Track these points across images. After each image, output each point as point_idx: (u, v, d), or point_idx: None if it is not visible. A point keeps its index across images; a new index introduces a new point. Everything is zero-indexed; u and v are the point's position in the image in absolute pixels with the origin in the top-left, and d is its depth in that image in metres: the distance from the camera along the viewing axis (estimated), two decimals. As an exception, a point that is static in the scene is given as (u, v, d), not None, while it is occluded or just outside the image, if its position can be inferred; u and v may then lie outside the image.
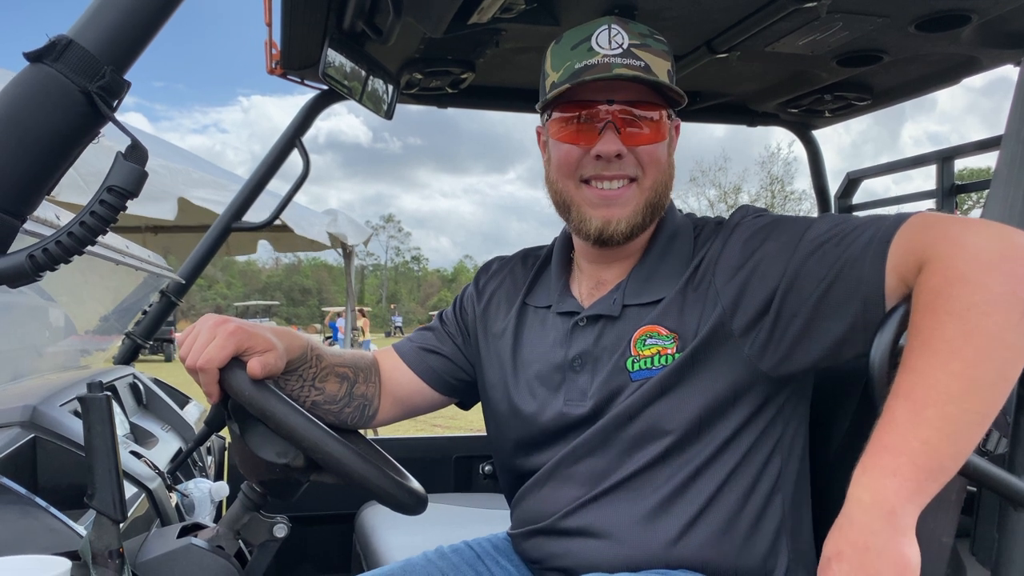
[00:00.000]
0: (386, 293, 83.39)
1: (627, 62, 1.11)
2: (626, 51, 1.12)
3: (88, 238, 0.72)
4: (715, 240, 1.15)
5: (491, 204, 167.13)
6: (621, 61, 1.11)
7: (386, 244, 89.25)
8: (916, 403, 0.83)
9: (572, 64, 1.13)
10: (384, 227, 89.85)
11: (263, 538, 1.09)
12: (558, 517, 1.15)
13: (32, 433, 1.11)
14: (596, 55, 1.12)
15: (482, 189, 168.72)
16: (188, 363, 1.03)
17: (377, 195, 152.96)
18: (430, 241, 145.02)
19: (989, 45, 1.80)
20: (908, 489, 0.81)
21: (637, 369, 1.11)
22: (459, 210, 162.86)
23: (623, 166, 1.13)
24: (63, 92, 0.71)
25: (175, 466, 1.35)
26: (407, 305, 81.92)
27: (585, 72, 1.11)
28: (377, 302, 76.86)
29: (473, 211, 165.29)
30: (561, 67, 1.15)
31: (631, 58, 1.11)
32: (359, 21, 1.71)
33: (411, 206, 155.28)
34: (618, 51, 1.11)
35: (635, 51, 1.12)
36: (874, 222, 0.99)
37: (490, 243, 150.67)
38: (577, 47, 1.14)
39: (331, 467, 1.00)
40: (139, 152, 0.73)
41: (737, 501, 1.09)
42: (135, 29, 0.73)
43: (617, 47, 1.12)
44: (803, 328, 1.02)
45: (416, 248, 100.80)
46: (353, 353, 1.33)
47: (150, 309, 2.34)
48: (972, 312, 0.83)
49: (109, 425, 0.88)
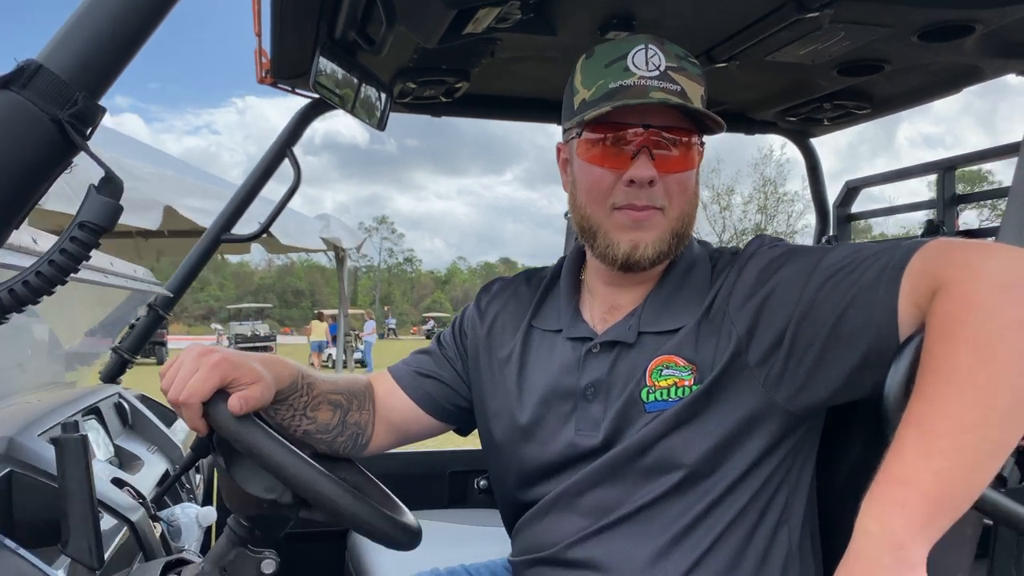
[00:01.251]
0: (379, 295, 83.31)
1: (664, 85, 1.06)
2: (663, 73, 1.07)
3: (58, 277, 0.68)
4: (731, 270, 1.12)
5: (486, 205, 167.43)
6: (658, 84, 1.06)
7: (379, 246, 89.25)
8: (928, 432, 0.80)
9: (606, 83, 1.08)
10: (377, 228, 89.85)
11: (251, 574, 1.05)
12: (562, 548, 1.11)
13: (7, 467, 1.06)
14: (632, 76, 1.07)
15: (477, 191, 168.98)
16: (170, 396, 0.99)
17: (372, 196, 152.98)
18: (424, 243, 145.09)
19: (992, 55, 1.77)
20: (918, 522, 0.77)
21: (652, 400, 1.08)
22: (454, 211, 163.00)
23: (652, 196, 1.09)
24: (32, 121, 0.66)
25: (161, 492, 1.31)
26: (401, 307, 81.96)
27: (621, 93, 1.06)
28: (370, 304, 76.79)
29: (468, 212, 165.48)
30: (594, 85, 1.10)
31: (668, 81, 1.07)
32: (351, 31, 1.67)
33: (406, 208, 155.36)
34: (655, 73, 1.07)
35: (672, 74, 1.07)
36: (890, 249, 0.95)
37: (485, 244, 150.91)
38: (612, 65, 1.09)
39: (320, 505, 0.95)
40: (113, 185, 0.69)
41: (744, 536, 1.06)
42: (109, 53, 0.69)
43: (654, 69, 1.07)
44: (818, 357, 0.99)
45: (409, 250, 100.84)
46: (346, 379, 1.29)
47: (137, 323, 2.29)
48: (988, 339, 0.80)
49: (84, 467, 0.84)
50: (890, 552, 0.77)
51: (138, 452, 1.68)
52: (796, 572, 1.08)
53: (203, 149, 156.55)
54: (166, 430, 1.92)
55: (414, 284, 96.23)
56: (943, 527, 0.79)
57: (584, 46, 1.20)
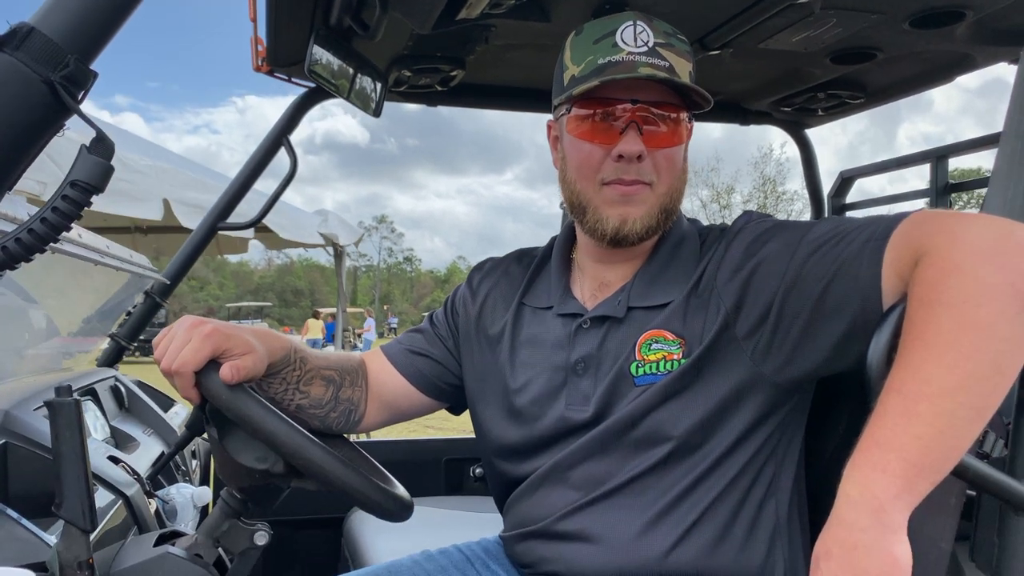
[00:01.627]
0: (379, 294, 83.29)
1: (652, 61, 1.07)
2: (651, 49, 1.08)
3: (50, 235, 0.69)
4: (719, 245, 1.13)
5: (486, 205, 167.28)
6: (646, 60, 1.07)
7: (379, 245, 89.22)
8: (908, 397, 0.81)
9: (595, 59, 1.09)
10: (377, 228, 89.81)
11: (243, 546, 1.06)
12: (552, 520, 1.12)
13: (3, 439, 1.08)
14: (621, 51, 1.08)
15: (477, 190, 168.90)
16: (163, 366, 1.00)
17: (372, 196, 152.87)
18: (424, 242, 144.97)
19: (984, 42, 1.78)
20: (897, 486, 0.79)
21: (641, 374, 1.09)
22: (454, 211, 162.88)
23: (641, 171, 1.10)
24: (24, 82, 0.67)
25: (155, 471, 1.32)
26: (400, 306, 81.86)
27: (609, 69, 1.08)
28: (370, 303, 76.78)
29: (468, 212, 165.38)
30: (583, 61, 1.11)
31: (656, 57, 1.08)
32: (345, 16, 1.68)
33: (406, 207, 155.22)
34: (643, 49, 1.08)
35: (660, 50, 1.09)
36: (874, 221, 0.97)
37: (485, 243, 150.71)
38: (600, 41, 1.10)
39: (311, 472, 0.96)
40: (105, 145, 0.70)
41: (732, 508, 1.07)
42: (101, 16, 0.70)
43: (643, 44, 1.08)
44: (804, 329, 1.00)
45: (409, 249, 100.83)
46: (339, 355, 1.30)
47: (134, 310, 2.30)
48: (967, 304, 0.81)
49: (78, 431, 0.85)
50: (871, 515, 0.79)
51: (134, 434, 1.69)
52: (784, 544, 1.09)
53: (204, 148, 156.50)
54: (163, 414, 1.93)
55: (414, 283, 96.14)
56: (924, 491, 0.80)
57: (578, 34, 1.21)
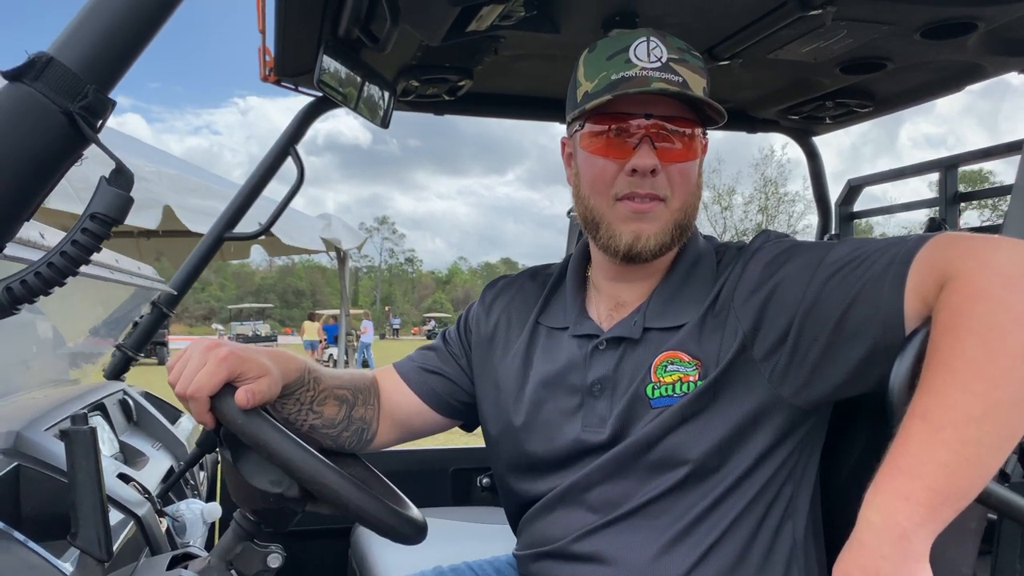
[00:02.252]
0: (380, 295, 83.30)
1: (665, 76, 1.07)
2: (664, 65, 1.08)
3: (69, 268, 0.68)
4: (736, 264, 1.12)
5: (487, 206, 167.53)
6: (659, 75, 1.07)
7: (380, 246, 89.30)
8: (933, 424, 0.80)
9: (609, 75, 1.09)
10: (378, 229, 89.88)
11: (257, 568, 1.05)
12: (568, 541, 1.11)
13: (15, 461, 1.07)
14: (634, 67, 1.08)
15: (478, 191, 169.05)
16: (178, 390, 0.99)
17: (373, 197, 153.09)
18: (426, 243, 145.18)
19: (994, 53, 1.77)
20: (921, 514, 0.78)
21: (657, 396, 1.08)
22: (455, 211, 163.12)
23: (655, 185, 1.09)
24: (43, 113, 0.67)
25: (166, 488, 1.31)
26: (401, 307, 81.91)
27: (623, 84, 1.07)
28: (371, 304, 76.78)
29: (469, 212, 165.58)
30: (596, 77, 1.11)
31: (669, 72, 1.08)
32: (354, 28, 1.67)
33: (407, 208, 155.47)
34: (656, 64, 1.08)
35: (673, 65, 1.08)
36: (896, 243, 0.96)
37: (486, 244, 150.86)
38: (614, 57, 1.10)
39: (326, 498, 0.96)
40: (124, 177, 0.69)
41: (750, 531, 1.06)
42: (120, 45, 0.69)
43: (656, 60, 1.08)
44: (823, 352, 0.99)
45: (410, 250, 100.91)
46: (352, 374, 1.29)
47: (141, 320, 2.29)
48: (994, 331, 0.80)
49: (94, 459, 0.84)
50: (893, 543, 0.78)
51: (143, 448, 1.68)
52: (800, 566, 1.09)
53: (205, 149, 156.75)
54: (171, 427, 1.92)
55: (415, 284, 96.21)
56: (947, 519, 0.79)
57: (587, 44, 1.20)
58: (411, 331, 61.64)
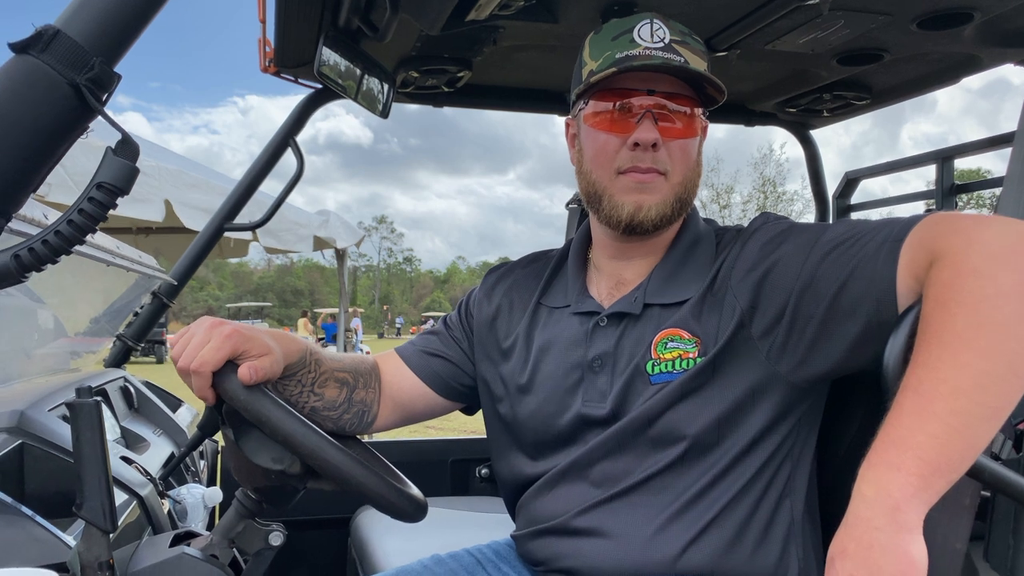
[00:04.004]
0: (379, 294, 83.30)
1: (668, 56, 1.10)
2: (667, 45, 1.11)
3: (76, 237, 0.69)
4: (735, 245, 1.14)
5: (487, 205, 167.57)
6: (662, 55, 1.10)
7: (378, 245, 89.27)
8: (924, 397, 0.81)
9: (613, 54, 1.12)
10: (377, 228, 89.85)
11: (258, 546, 1.06)
12: (569, 516, 1.12)
13: (19, 439, 1.08)
14: (638, 46, 1.11)
15: (478, 190, 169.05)
16: (180, 364, 1.00)
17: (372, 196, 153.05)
18: (425, 242, 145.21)
19: (991, 44, 1.79)
20: (913, 485, 0.79)
21: (657, 372, 1.10)
22: (455, 211, 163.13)
23: (656, 159, 1.12)
24: (50, 84, 0.68)
25: (167, 471, 1.32)
26: (399, 306, 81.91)
27: (627, 61, 1.10)
28: (370, 303, 76.79)
29: (468, 212, 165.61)
30: (601, 56, 1.14)
31: (672, 53, 1.11)
32: (354, 18, 1.68)
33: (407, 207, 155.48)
34: (659, 45, 1.11)
35: (676, 47, 1.12)
36: (889, 223, 0.98)
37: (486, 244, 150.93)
38: (618, 38, 1.13)
39: (328, 473, 0.97)
40: (130, 147, 0.70)
41: (748, 508, 1.07)
42: (125, 19, 0.70)
43: (659, 41, 1.11)
44: (819, 329, 1.01)
45: (409, 249, 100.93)
46: (353, 357, 1.30)
47: (141, 311, 2.30)
48: (983, 305, 0.81)
49: (99, 432, 0.85)
50: (886, 514, 0.79)
51: (144, 434, 1.69)
52: (798, 543, 1.10)
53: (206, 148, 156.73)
54: (171, 414, 1.93)
55: (413, 284, 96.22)
56: (940, 490, 0.80)
57: (585, 34, 1.22)
58: (410, 330, 61.75)
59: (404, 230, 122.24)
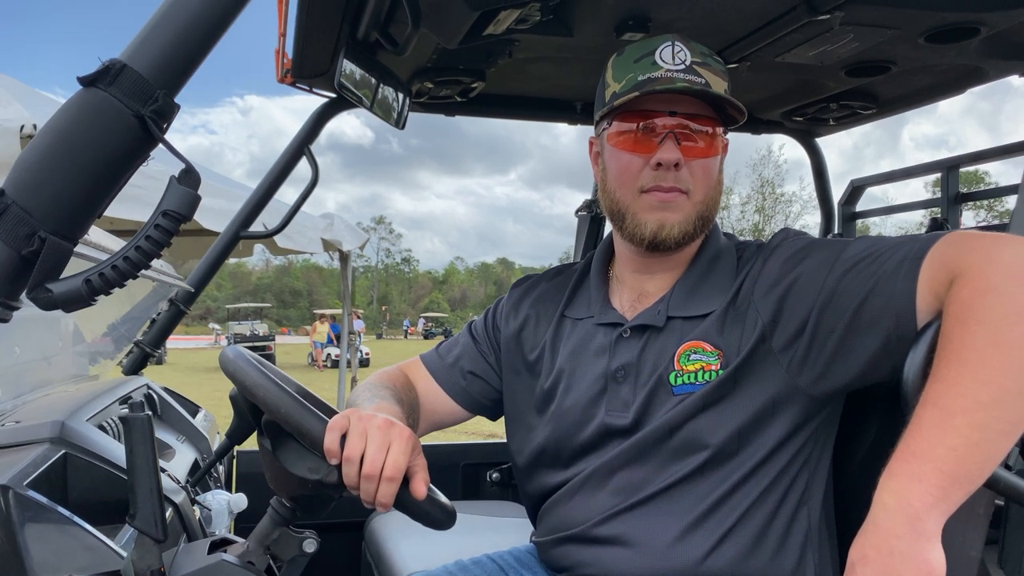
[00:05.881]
0: (377, 295, 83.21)
1: (689, 78, 1.13)
2: (688, 67, 1.14)
3: (143, 262, 0.72)
4: (756, 260, 1.17)
5: (487, 205, 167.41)
6: (684, 76, 1.13)
7: (377, 246, 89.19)
8: (944, 410, 0.84)
9: (635, 76, 1.15)
10: (375, 229, 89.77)
11: (292, 553, 1.09)
12: (591, 525, 1.15)
13: (62, 449, 1.11)
14: (660, 69, 1.14)
15: (477, 191, 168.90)
16: (367, 471, 0.94)
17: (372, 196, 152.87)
18: (424, 243, 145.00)
19: (997, 56, 1.82)
20: (933, 495, 0.82)
21: (680, 383, 1.13)
22: (454, 211, 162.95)
23: (678, 178, 1.15)
24: (117, 116, 0.71)
25: (197, 479, 1.35)
26: (398, 307, 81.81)
27: (649, 84, 1.13)
28: (368, 304, 76.70)
29: (468, 212, 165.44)
30: (624, 78, 1.17)
31: (693, 74, 1.14)
32: (373, 31, 1.71)
33: (406, 207, 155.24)
34: (681, 67, 1.14)
35: (697, 68, 1.15)
36: (909, 241, 1.00)
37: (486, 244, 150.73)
38: (640, 60, 1.16)
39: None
40: (192, 176, 0.73)
41: (766, 516, 1.10)
42: (187, 52, 0.73)
43: (680, 63, 1.14)
44: (839, 344, 1.04)
45: (407, 250, 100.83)
46: (408, 391, 1.33)
47: (158, 317, 2.33)
48: (1002, 323, 0.84)
49: (151, 444, 0.88)
50: (906, 523, 0.82)
51: (169, 441, 1.71)
52: (815, 551, 1.13)
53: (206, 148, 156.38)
54: (192, 421, 1.96)
55: (411, 284, 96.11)
56: (958, 501, 0.83)
57: (600, 47, 1.24)
58: (408, 330, 61.75)
59: (403, 230, 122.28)
